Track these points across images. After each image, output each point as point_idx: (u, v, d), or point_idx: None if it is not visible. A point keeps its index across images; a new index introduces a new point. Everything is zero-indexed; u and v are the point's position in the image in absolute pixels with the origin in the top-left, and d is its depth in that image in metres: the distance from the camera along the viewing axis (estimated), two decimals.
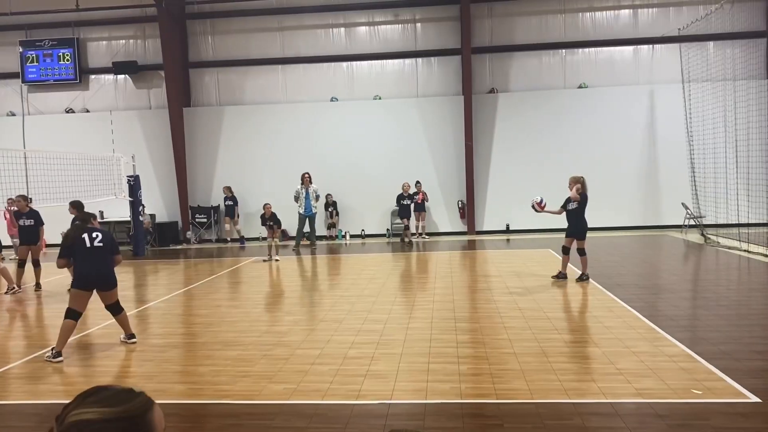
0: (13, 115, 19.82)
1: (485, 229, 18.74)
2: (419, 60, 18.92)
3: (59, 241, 8.24)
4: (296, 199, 16.61)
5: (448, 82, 18.84)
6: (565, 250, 10.50)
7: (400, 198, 17.47)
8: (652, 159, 18.21)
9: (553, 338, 6.89)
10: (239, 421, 4.76)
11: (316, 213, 16.83)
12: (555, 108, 18.30)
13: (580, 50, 18.57)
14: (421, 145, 18.69)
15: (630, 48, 18.43)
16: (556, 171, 16.41)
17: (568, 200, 10.38)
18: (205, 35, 19.43)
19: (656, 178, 18.21)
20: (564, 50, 18.61)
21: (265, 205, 14.90)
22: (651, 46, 18.31)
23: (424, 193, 17.98)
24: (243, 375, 5.85)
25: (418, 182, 18.03)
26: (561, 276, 10.44)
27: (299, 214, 16.61)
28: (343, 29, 19.02)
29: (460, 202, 18.67)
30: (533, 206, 10.63)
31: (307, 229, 16.79)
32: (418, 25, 18.88)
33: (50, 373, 6.26)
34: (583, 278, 10.27)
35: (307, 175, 16.49)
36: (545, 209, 10.59)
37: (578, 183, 10.30)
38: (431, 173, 18.62)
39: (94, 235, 6.96)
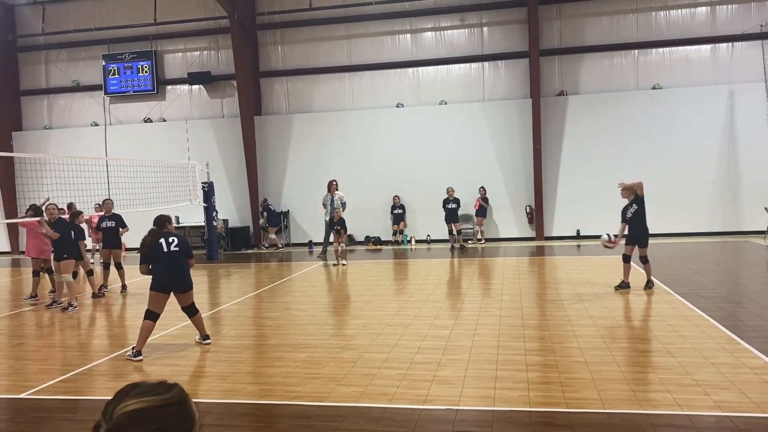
0: (97, 125, 20.90)
1: (554, 234, 18.38)
2: (486, 64, 18.79)
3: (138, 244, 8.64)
4: (324, 206, 16.45)
5: (515, 86, 18.63)
6: (626, 258, 10.11)
7: (445, 202, 17.24)
8: (732, 162, 17.41)
9: (626, 347, 6.69)
10: (309, 422, 4.87)
11: (343, 219, 16.50)
12: (627, 110, 17.77)
13: (654, 50, 17.98)
14: (488, 149, 18.53)
15: (707, 47, 17.71)
16: (629, 175, 15.90)
17: (626, 208, 10.06)
18: (275, 45, 19.95)
19: (737, 181, 17.40)
20: (637, 50, 18.07)
21: (335, 209, 15.12)
22: (730, 44, 17.53)
23: (481, 199, 17.84)
24: (313, 377, 5.97)
25: (482, 187, 17.87)
26: (624, 285, 10.08)
27: (325, 221, 16.48)
28: (409, 35, 19.13)
29: (528, 207, 18.39)
30: (604, 245, 10.32)
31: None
32: (485, 28, 18.76)
33: (131, 371, 6.57)
34: (649, 286, 9.92)
35: (334, 182, 16.19)
36: (617, 240, 10.21)
37: (630, 189, 10.00)
38: (498, 178, 18.44)
39: (170, 239, 7.24)
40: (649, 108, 17.75)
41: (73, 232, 10.48)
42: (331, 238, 15.76)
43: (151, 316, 7.08)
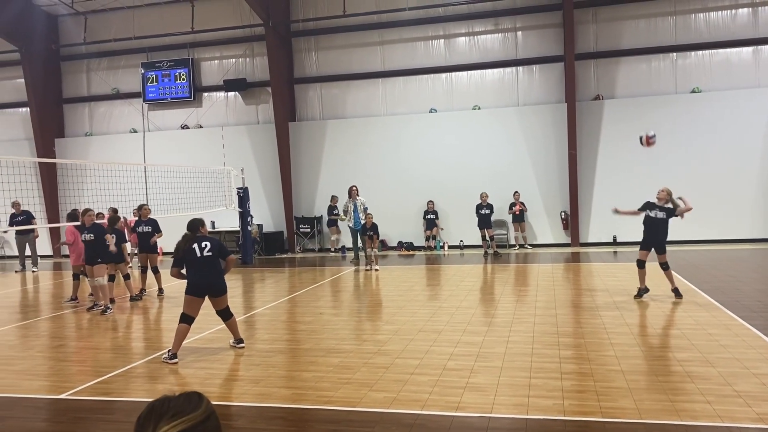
0: (135, 131, 21.37)
1: (590, 240, 18.10)
2: (520, 68, 18.65)
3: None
4: (345, 212, 16.43)
5: (550, 90, 18.44)
6: (641, 264, 9.82)
7: (479, 208, 17.05)
8: None
9: (664, 356, 6.55)
10: (340, 427, 4.87)
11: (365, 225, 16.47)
12: (665, 114, 17.43)
13: (693, 53, 17.61)
14: (522, 154, 18.37)
15: (749, 49, 17.27)
16: (667, 180, 15.58)
17: (652, 206, 9.78)
18: (309, 52, 20.13)
19: None
20: (675, 54, 17.72)
21: (367, 214, 15.15)
22: None
23: (522, 204, 17.68)
24: (344, 382, 5.98)
25: (516, 192, 17.73)
26: (642, 292, 9.81)
27: (349, 228, 16.48)
28: (442, 41, 19.11)
29: (563, 213, 18.16)
30: (641, 139, 10.20)
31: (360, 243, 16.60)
32: (519, 33, 18.63)
33: (166, 374, 6.67)
34: (678, 294, 9.64)
35: (354, 188, 16.15)
36: (651, 142, 10.17)
37: (670, 198, 9.76)
38: (532, 183, 18.26)
39: (203, 244, 7.33)
40: (687, 112, 17.38)
41: (114, 237, 10.72)
42: (359, 243, 15.81)
43: (187, 319, 7.19)
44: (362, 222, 15.86)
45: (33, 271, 17.40)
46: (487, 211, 17.01)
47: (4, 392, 6.17)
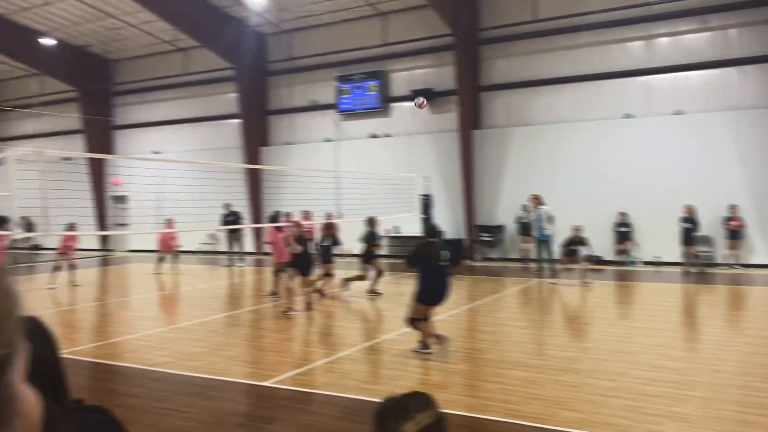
0: (330, 140, 22.74)
1: None
2: (731, 69, 16.86)
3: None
4: (528, 222, 15.86)
5: (767, 93, 16.45)
6: None
7: (682, 221, 15.62)
8: None
9: None
10: None
11: (550, 236, 15.58)
12: None
13: None
14: (731, 163, 16.58)
15: None
16: None
17: None
18: (495, 59, 19.99)
19: None
20: None
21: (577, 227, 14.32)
22: None
23: (740, 219, 15.92)
24: (532, 397, 5.80)
25: (733, 206, 15.95)
26: None
27: (534, 237, 15.86)
28: (640, 42, 17.92)
29: None
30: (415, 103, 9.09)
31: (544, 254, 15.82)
32: (731, 30, 16.88)
33: (357, 371, 6.96)
34: None
35: (533, 197, 15.53)
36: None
37: None
38: (743, 195, 16.38)
39: (443, 252, 7.50)
40: None
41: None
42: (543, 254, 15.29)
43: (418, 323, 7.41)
44: (546, 232, 15.37)
45: (239, 267, 19.19)
46: (690, 225, 15.58)
47: (218, 375, 6.85)
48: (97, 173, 25.91)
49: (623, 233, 17.45)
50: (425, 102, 10.68)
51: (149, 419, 5.40)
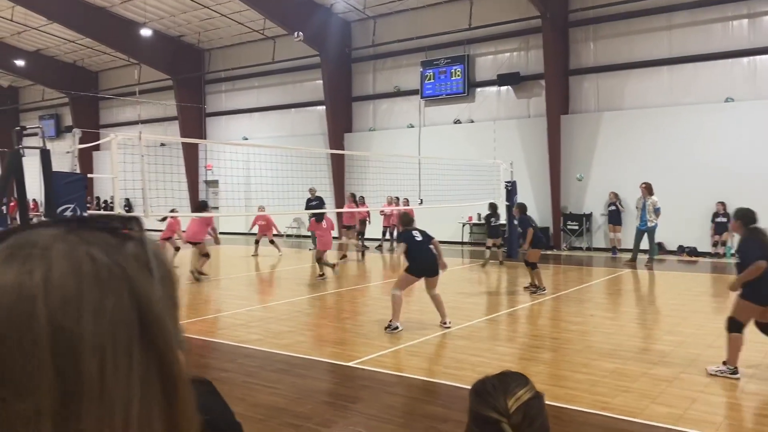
0: (412, 126, 22.71)
1: None
2: None
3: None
4: (636, 208, 15.33)
5: None
6: None
7: None
8: None
9: None
10: None
11: (654, 227, 15.12)
12: None
13: None
14: None
15: None
16: None
17: None
18: (586, 42, 19.30)
19: None
20: None
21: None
22: None
23: None
24: (623, 390, 5.61)
25: None
26: None
27: (636, 227, 15.34)
28: (745, 20, 16.79)
29: None
30: None
31: (644, 245, 15.19)
32: None
33: (431, 356, 6.97)
34: None
35: (644, 185, 15.03)
36: None
37: None
38: None
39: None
40: None
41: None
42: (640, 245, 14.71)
43: None
44: (650, 223, 14.90)
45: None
46: None
47: (306, 354, 7.04)
48: (192, 159, 27.07)
49: (721, 224, 16.50)
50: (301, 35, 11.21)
51: (240, 392, 5.62)
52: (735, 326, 5.99)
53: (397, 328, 7.96)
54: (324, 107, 23.90)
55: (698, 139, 17.13)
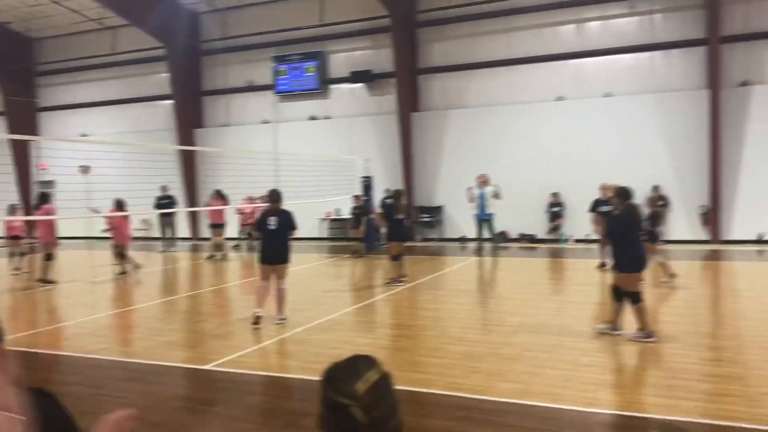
0: (267, 122, 22.38)
1: (733, 238, 16.78)
2: (657, 53, 17.54)
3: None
4: (471, 200, 16.36)
5: (690, 76, 17.21)
6: None
7: (596, 204, 13.03)
8: None
9: None
10: (473, 414, 4.87)
11: (492, 215, 16.32)
12: None
13: None
14: (657, 144, 17.32)
15: None
16: None
17: None
18: (432, 42, 20.11)
19: None
20: None
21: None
22: None
23: (663, 198, 16.65)
24: (473, 370, 5.96)
25: (656, 187, 16.55)
26: None
27: (475, 216, 16.47)
28: (572, 26, 18.39)
29: (702, 207, 16.94)
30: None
31: (485, 234, 16.40)
32: (657, 15, 17.53)
33: (299, 352, 6.97)
34: None
35: (480, 177, 16.18)
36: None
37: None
38: (668, 175, 17.15)
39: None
40: None
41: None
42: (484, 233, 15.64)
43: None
44: (488, 211, 15.87)
45: (172, 252, 18.73)
46: (606, 209, 15.96)
47: (158, 360, 6.71)
48: (22, 157, 24.70)
49: (555, 213, 18.00)
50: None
51: (88, 406, 5.24)
52: (636, 297, 6.94)
53: (259, 317, 7.94)
54: (171, 102, 22.85)
55: (534, 134, 18.54)
